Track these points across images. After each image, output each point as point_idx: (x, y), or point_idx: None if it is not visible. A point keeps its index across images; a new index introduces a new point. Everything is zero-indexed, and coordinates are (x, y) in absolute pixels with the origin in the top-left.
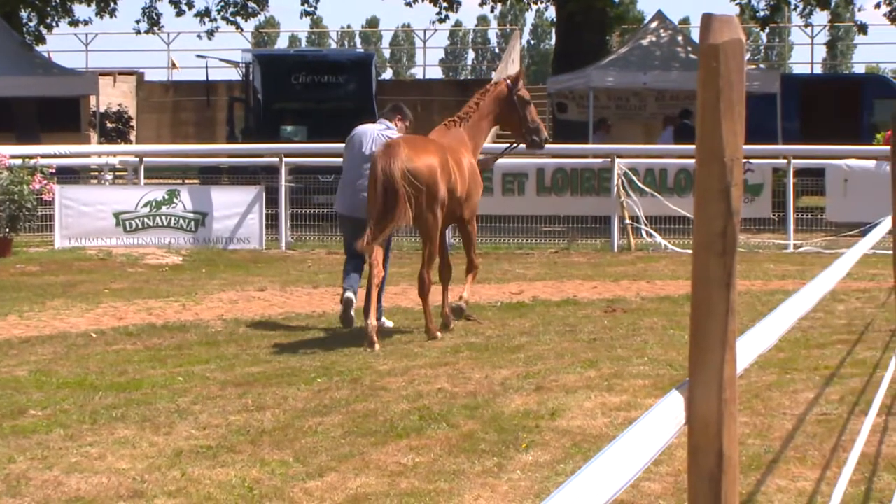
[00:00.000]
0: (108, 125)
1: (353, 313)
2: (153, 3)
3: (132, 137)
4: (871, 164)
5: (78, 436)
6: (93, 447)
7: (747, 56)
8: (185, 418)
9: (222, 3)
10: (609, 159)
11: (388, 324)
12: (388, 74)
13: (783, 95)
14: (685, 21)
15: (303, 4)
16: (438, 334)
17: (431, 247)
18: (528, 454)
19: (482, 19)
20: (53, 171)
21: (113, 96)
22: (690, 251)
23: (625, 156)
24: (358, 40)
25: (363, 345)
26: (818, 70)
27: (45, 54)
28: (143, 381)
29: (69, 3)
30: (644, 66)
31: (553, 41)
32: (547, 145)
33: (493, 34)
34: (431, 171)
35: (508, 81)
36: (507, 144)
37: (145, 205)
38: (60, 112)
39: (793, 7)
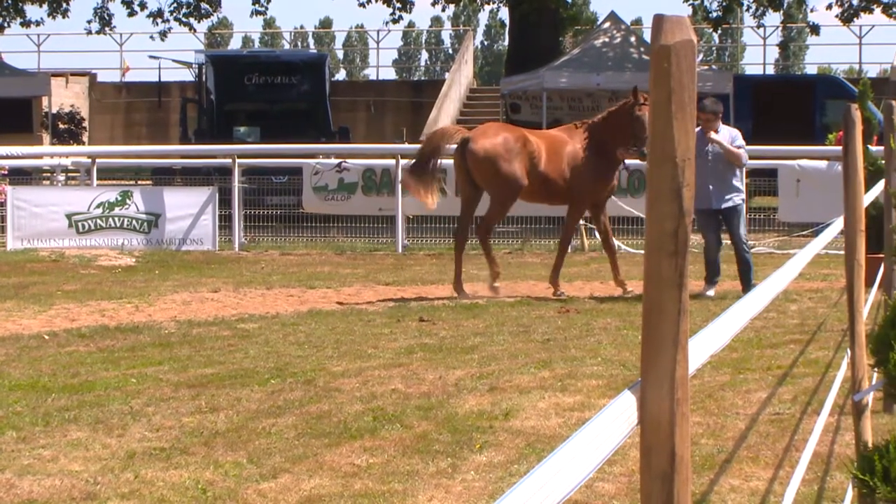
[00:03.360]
0: (61, 126)
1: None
2: (105, 3)
3: (84, 138)
4: (824, 164)
5: (30, 438)
6: (45, 449)
7: (699, 57)
8: (139, 420)
9: (175, 4)
10: None
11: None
12: (341, 75)
13: (736, 96)
14: (637, 22)
15: (254, 4)
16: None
17: (491, 211)
18: (481, 455)
19: (435, 20)
20: (5, 172)
21: (65, 97)
22: (643, 251)
23: None
24: (311, 41)
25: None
26: (770, 71)
27: None
28: (96, 382)
29: (21, 4)
30: (597, 67)
31: (506, 42)
32: None
33: (446, 35)
34: (487, 152)
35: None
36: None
37: (98, 206)
38: (12, 113)
39: (745, 8)
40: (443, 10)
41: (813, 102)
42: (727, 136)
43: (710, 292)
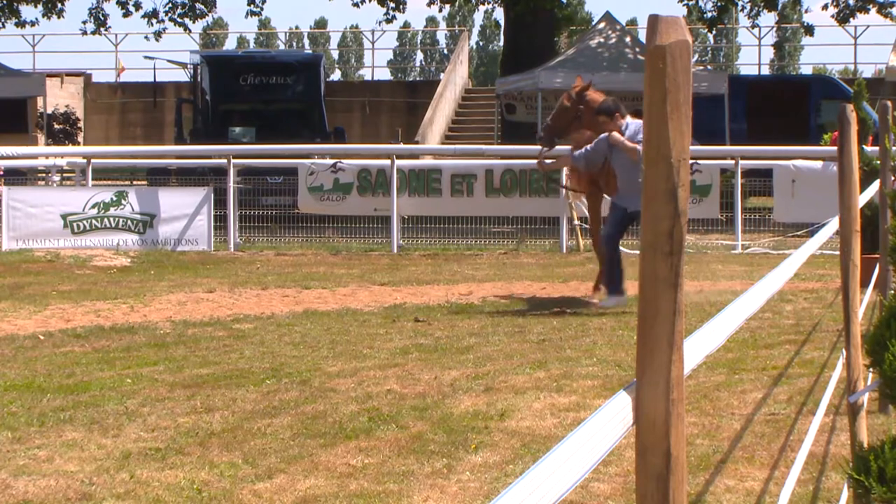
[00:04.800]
0: (56, 126)
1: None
2: (100, 3)
3: (80, 139)
4: (819, 164)
5: (26, 438)
6: (41, 450)
7: (694, 57)
8: (134, 420)
9: (170, 5)
10: None
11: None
12: (336, 76)
13: (731, 96)
14: (633, 22)
15: (249, 5)
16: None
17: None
18: (477, 455)
19: (430, 20)
20: (1, 172)
21: (60, 97)
22: (638, 252)
23: None
24: (306, 41)
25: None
26: (766, 71)
27: None
28: (92, 383)
29: (16, 4)
30: (592, 68)
31: (501, 42)
32: (496, 146)
33: (441, 35)
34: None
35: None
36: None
37: (93, 206)
38: (7, 113)
39: (740, 8)
40: (439, 10)
41: (808, 103)
42: (633, 131)
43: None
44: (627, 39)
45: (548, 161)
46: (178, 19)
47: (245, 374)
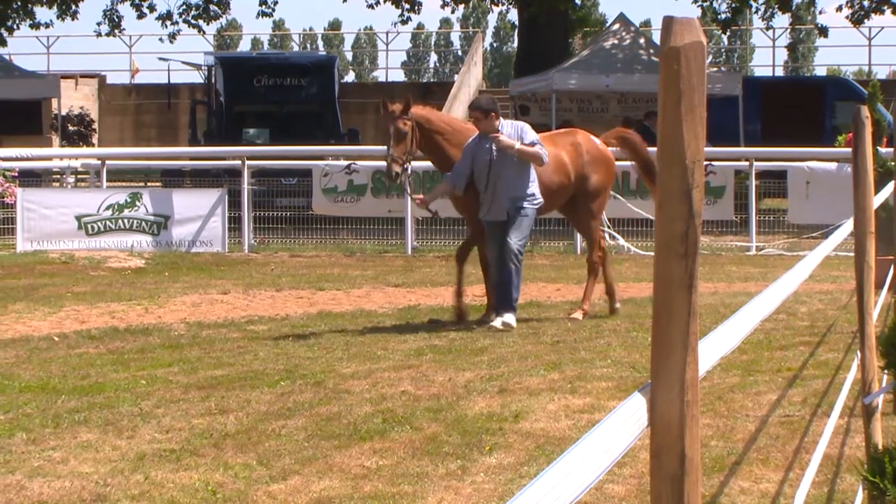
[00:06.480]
0: (70, 128)
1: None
2: (114, 5)
3: (94, 140)
4: (833, 166)
5: (40, 440)
6: (55, 451)
7: (709, 59)
8: (148, 422)
9: (184, 6)
10: None
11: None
12: (350, 77)
13: (745, 98)
14: (647, 24)
15: (261, 5)
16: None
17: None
18: (491, 457)
19: (445, 22)
20: (15, 174)
21: (75, 99)
22: (653, 253)
23: None
24: (320, 43)
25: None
26: (780, 72)
27: (6, 57)
28: (106, 384)
29: (30, 6)
30: (606, 69)
31: (515, 44)
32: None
33: (455, 37)
34: None
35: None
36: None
37: (107, 208)
38: (22, 115)
39: (754, 10)
40: (452, 11)
41: (822, 104)
42: (512, 132)
43: (501, 321)
44: (641, 41)
45: (419, 198)
46: (192, 21)
47: (259, 375)
